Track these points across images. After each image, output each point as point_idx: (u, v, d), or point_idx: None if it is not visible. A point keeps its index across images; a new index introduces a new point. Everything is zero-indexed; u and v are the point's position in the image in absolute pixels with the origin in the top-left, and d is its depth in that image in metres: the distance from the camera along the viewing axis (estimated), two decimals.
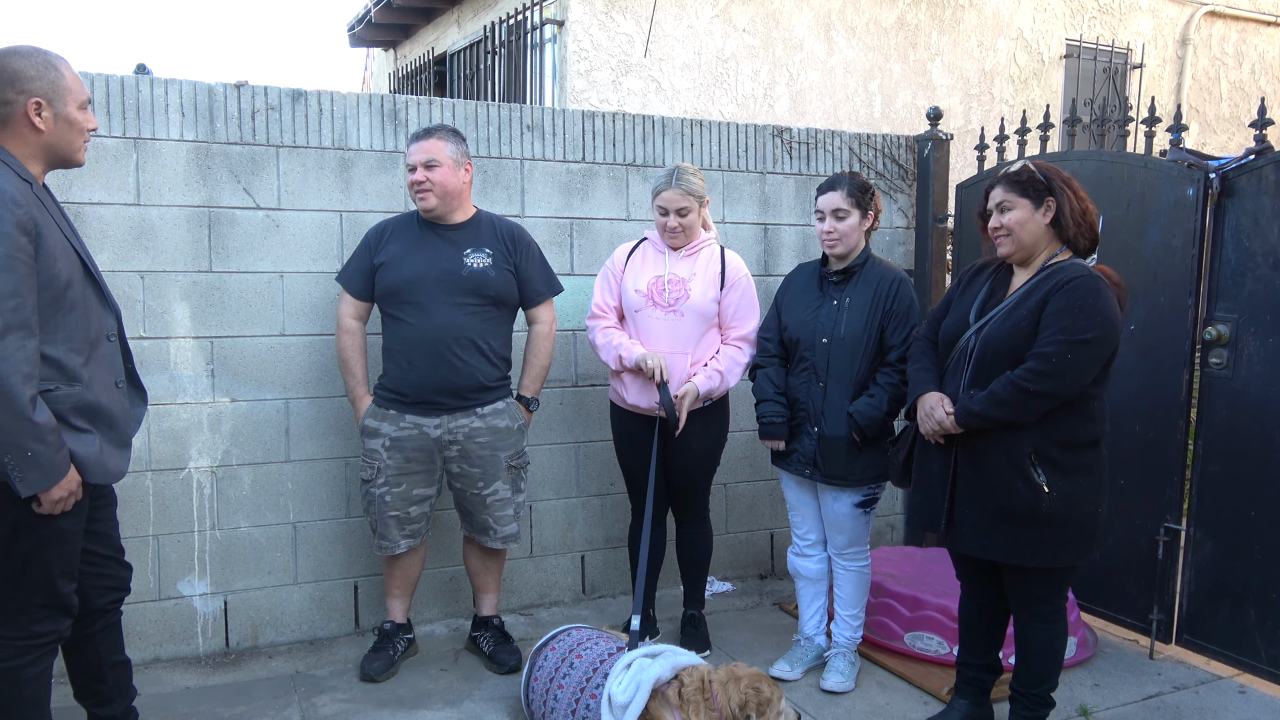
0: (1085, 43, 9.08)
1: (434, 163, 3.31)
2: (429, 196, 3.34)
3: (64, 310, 2.35)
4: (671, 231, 3.56)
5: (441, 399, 3.36)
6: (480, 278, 3.38)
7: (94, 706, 2.71)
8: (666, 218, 3.55)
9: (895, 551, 4.29)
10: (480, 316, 3.39)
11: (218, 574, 3.68)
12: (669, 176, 3.53)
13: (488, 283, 3.39)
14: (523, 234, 3.56)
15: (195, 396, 3.61)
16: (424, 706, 3.31)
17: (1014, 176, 2.85)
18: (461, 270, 3.37)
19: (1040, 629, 2.91)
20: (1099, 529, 2.83)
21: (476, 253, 3.41)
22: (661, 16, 7.16)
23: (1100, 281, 2.72)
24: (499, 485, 3.49)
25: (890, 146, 4.81)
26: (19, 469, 2.21)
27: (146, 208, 3.50)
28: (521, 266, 3.50)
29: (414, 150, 3.34)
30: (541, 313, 3.59)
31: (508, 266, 3.46)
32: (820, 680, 3.49)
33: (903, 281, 3.42)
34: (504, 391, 3.51)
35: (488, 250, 3.43)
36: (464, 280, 3.36)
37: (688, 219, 3.55)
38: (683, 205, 3.52)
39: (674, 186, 3.51)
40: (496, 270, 3.42)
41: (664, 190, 3.53)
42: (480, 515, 3.51)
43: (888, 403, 3.32)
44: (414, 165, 3.32)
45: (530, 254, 3.54)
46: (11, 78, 2.31)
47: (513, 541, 3.59)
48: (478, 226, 3.48)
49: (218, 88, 3.58)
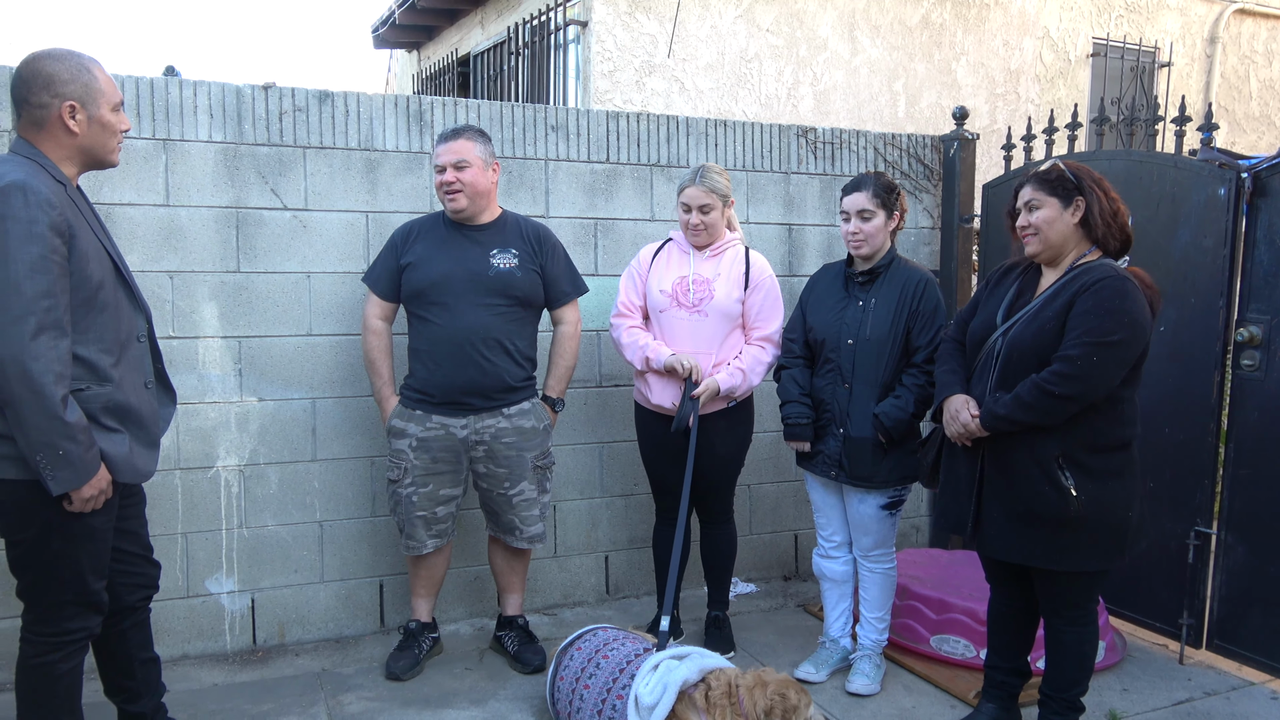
0: (1112, 41, 8.99)
1: (464, 163, 3.32)
2: (459, 197, 3.34)
3: (95, 311, 2.37)
4: (694, 229, 3.56)
5: (468, 399, 3.37)
6: (507, 278, 3.39)
7: (124, 702, 2.74)
8: (689, 214, 3.55)
9: (920, 554, 4.26)
10: (507, 317, 3.40)
11: (245, 572, 3.71)
12: (694, 174, 3.54)
13: (514, 283, 3.40)
14: (548, 235, 3.56)
15: (223, 396, 3.63)
16: (449, 705, 3.31)
17: (1043, 175, 2.82)
18: (488, 271, 3.37)
19: (1071, 633, 2.88)
20: (1130, 533, 2.80)
21: (503, 253, 3.41)
22: (685, 17, 7.16)
23: (1128, 283, 2.69)
24: (525, 485, 3.49)
25: (915, 146, 4.78)
26: (51, 467, 2.23)
27: (176, 208, 3.53)
28: (547, 267, 3.50)
29: (443, 151, 3.34)
30: (567, 313, 3.60)
31: (534, 267, 3.46)
32: (845, 683, 3.48)
33: (929, 282, 3.40)
34: (529, 392, 3.51)
35: (514, 251, 3.43)
36: (491, 281, 3.37)
37: (710, 217, 3.54)
38: (705, 202, 3.52)
39: (698, 183, 3.52)
40: (523, 271, 3.43)
41: (688, 187, 3.54)
42: (506, 515, 3.52)
43: (914, 404, 3.30)
44: (443, 166, 3.33)
45: (556, 255, 3.54)
46: (46, 81, 2.33)
47: (538, 541, 3.60)
48: (504, 227, 3.48)
49: (246, 89, 3.61)
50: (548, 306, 3.58)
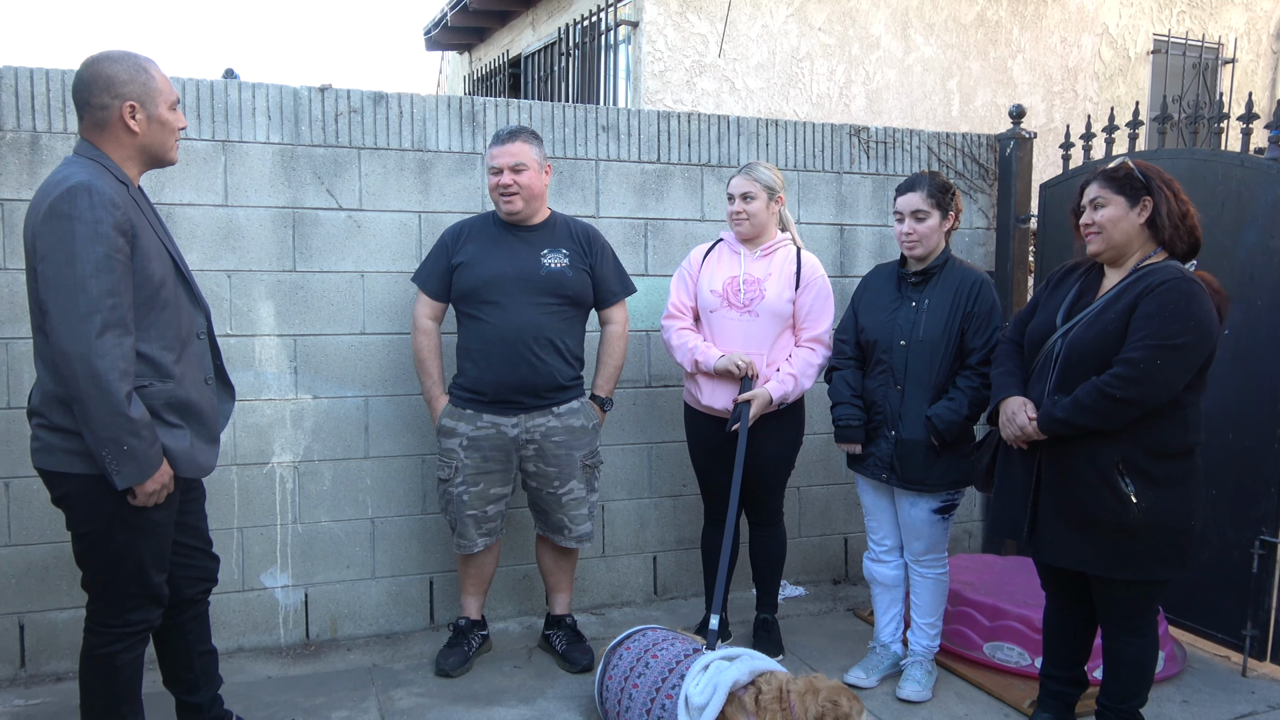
0: (1174, 38, 8.78)
1: (522, 166, 3.34)
2: (516, 200, 3.36)
3: (157, 309, 2.42)
4: (736, 218, 3.55)
5: (519, 398, 3.39)
6: (558, 278, 3.40)
7: (182, 693, 2.79)
8: (732, 203, 3.56)
9: (973, 559, 4.20)
10: (558, 316, 3.41)
11: (299, 567, 3.77)
12: (743, 167, 3.60)
13: (565, 283, 3.41)
14: (597, 235, 3.57)
15: (279, 393, 3.69)
16: (498, 703, 3.33)
17: (1110, 172, 2.76)
18: (540, 270, 3.39)
19: (1130, 642, 2.82)
20: (1192, 542, 2.72)
21: (554, 253, 3.43)
22: (736, 16, 7.13)
23: (1195, 285, 2.62)
24: (574, 484, 3.50)
25: (970, 145, 4.71)
26: (116, 462, 2.28)
27: (234, 209, 3.59)
28: (597, 267, 3.52)
29: (500, 153, 3.35)
30: (616, 313, 3.61)
31: (584, 267, 3.48)
32: (896, 689, 3.43)
33: (985, 283, 3.35)
34: (578, 391, 3.52)
35: (564, 251, 3.44)
36: (542, 280, 3.38)
37: (752, 205, 3.53)
38: (747, 190, 3.52)
39: (742, 173, 3.56)
40: (574, 270, 3.44)
41: (734, 177, 3.58)
42: (555, 514, 3.53)
43: (968, 406, 3.25)
44: (500, 168, 3.34)
45: (605, 255, 3.55)
46: (107, 83, 2.38)
47: (586, 540, 3.60)
48: (553, 227, 3.50)
49: (302, 91, 3.66)
50: (596, 306, 3.59)
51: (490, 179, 3.39)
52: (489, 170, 3.39)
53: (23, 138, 3.33)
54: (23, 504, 3.39)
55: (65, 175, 2.31)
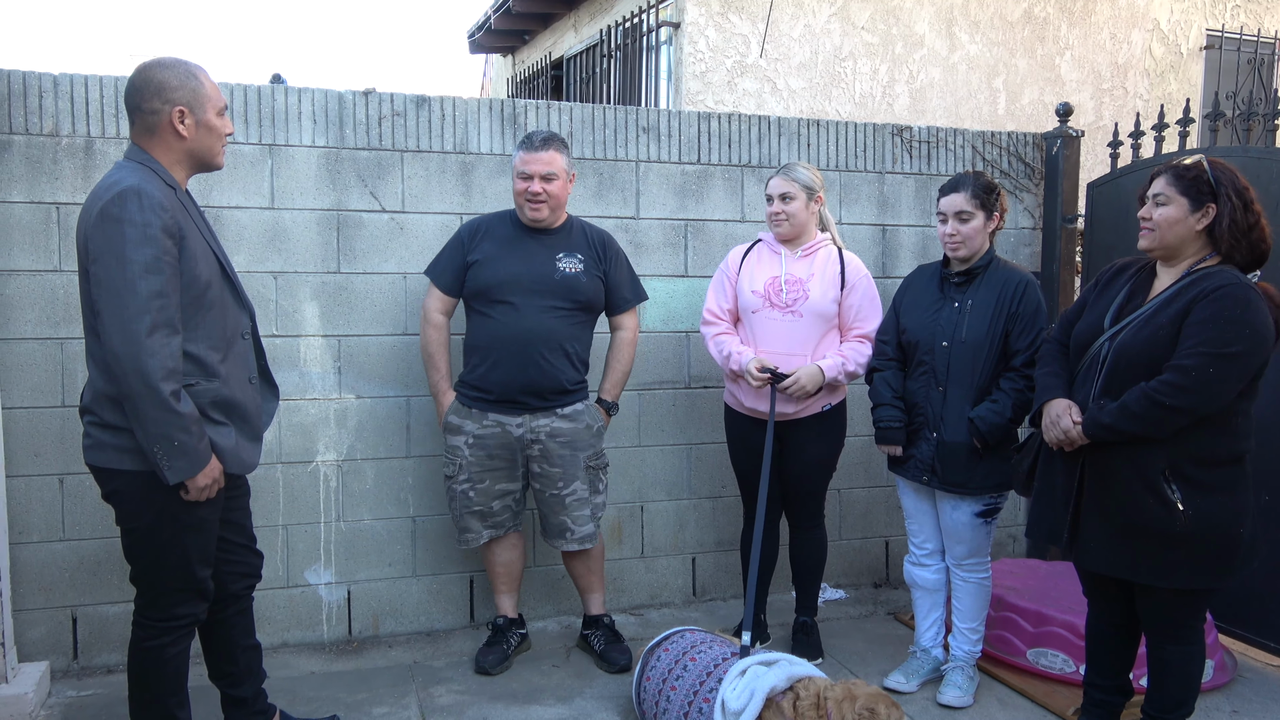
0: (1228, 33, 8.59)
1: (553, 175, 3.36)
2: (543, 208, 3.38)
3: (204, 309, 2.47)
4: (775, 219, 3.54)
5: (525, 398, 3.41)
6: (572, 282, 3.42)
7: (227, 687, 2.85)
8: (771, 204, 3.56)
9: (1018, 564, 4.14)
10: (569, 320, 3.43)
11: (342, 564, 3.82)
12: (781, 168, 3.59)
13: (579, 288, 3.43)
14: (612, 241, 3.59)
15: (323, 392, 3.74)
16: (536, 702, 3.35)
17: (1180, 171, 2.66)
18: (554, 274, 3.41)
19: (1176, 651, 2.76)
20: (1241, 551, 2.65)
21: (569, 258, 3.45)
22: (778, 16, 7.10)
23: (1252, 291, 2.54)
24: (578, 485, 3.51)
25: (1016, 144, 4.64)
26: (167, 458, 2.33)
27: (280, 211, 3.65)
28: (610, 274, 3.54)
29: (532, 160, 3.35)
30: (626, 320, 3.62)
31: (598, 273, 3.50)
32: (937, 694, 3.40)
33: (1029, 283, 3.30)
34: (583, 394, 3.54)
35: (579, 256, 3.47)
36: (557, 284, 3.41)
37: (791, 206, 3.52)
38: (786, 190, 3.50)
39: (781, 174, 3.56)
40: (588, 276, 3.46)
41: (773, 178, 3.58)
42: (558, 517, 3.54)
43: (1011, 409, 3.20)
44: (532, 175, 3.35)
45: (619, 262, 3.58)
46: (158, 88, 2.44)
47: (589, 543, 3.59)
48: (570, 232, 3.52)
49: (347, 95, 3.71)
50: (608, 312, 3.61)
51: (518, 184, 3.39)
52: (518, 175, 3.39)
53: (77, 143, 3.42)
54: (76, 500, 3.48)
55: (116, 179, 2.37)
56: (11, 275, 3.37)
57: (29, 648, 3.44)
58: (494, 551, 3.60)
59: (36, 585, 3.46)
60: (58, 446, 3.45)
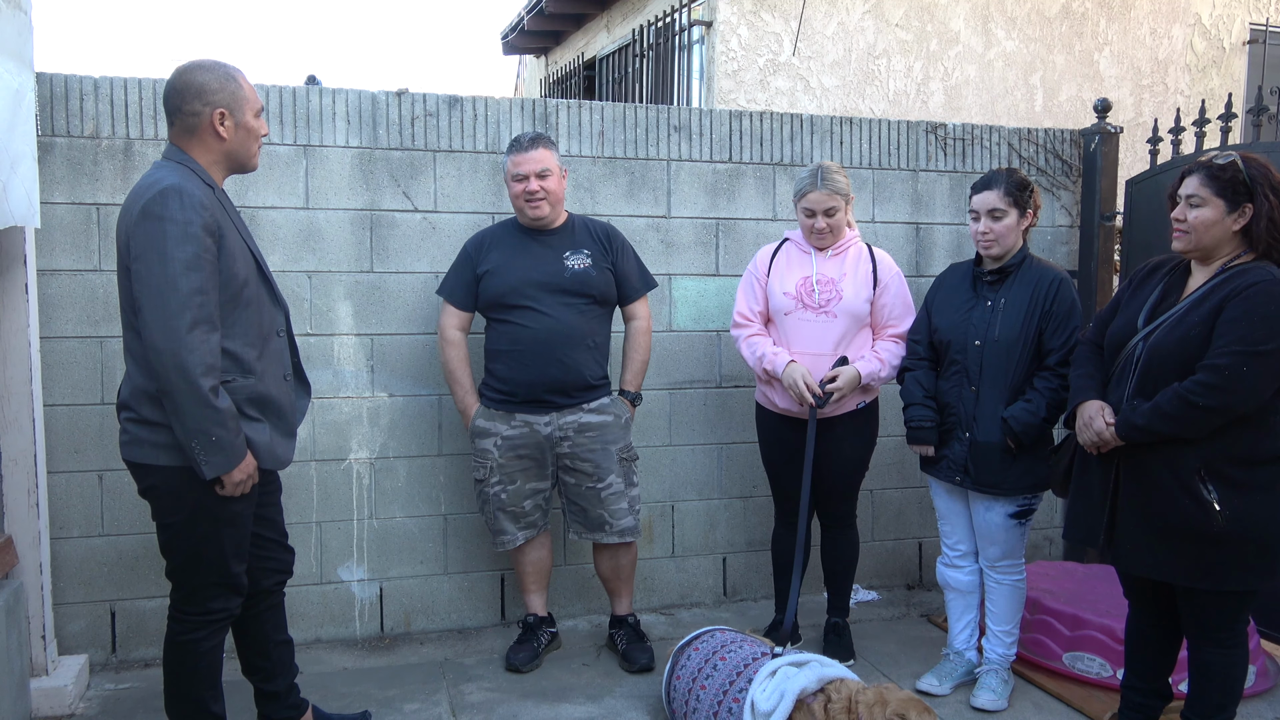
0: (1272, 27, 8.41)
1: (547, 172, 3.39)
2: (542, 205, 3.41)
3: (241, 307, 2.50)
4: (819, 233, 3.50)
5: (550, 397, 3.43)
6: (583, 277, 3.44)
7: (260, 682, 2.88)
8: (814, 219, 3.47)
9: (1054, 567, 4.08)
10: (586, 315, 3.45)
11: (374, 561, 3.85)
12: (814, 177, 3.46)
13: (590, 282, 3.45)
14: (616, 233, 3.61)
15: (356, 391, 3.77)
16: (566, 700, 3.36)
17: (1216, 171, 2.59)
18: (564, 272, 3.43)
19: (1217, 655, 2.70)
20: None
21: (576, 254, 3.47)
22: (811, 14, 7.06)
23: None
24: (613, 478, 3.51)
25: (1053, 141, 4.58)
26: (204, 453, 2.36)
27: (314, 211, 3.68)
28: (618, 264, 3.55)
29: (524, 160, 3.38)
30: (639, 309, 3.63)
31: (606, 265, 3.52)
32: (970, 697, 3.36)
33: (1063, 281, 3.25)
34: (607, 388, 3.56)
35: (586, 251, 3.49)
36: (568, 281, 3.42)
37: (836, 219, 3.48)
38: (830, 205, 3.45)
39: (821, 187, 3.43)
40: (597, 270, 3.48)
41: (810, 191, 3.45)
42: (595, 510, 3.53)
43: (1045, 408, 3.16)
44: (526, 175, 3.38)
45: (625, 252, 3.59)
46: (198, 91, 2.47)
47: (630, 536, 3.59)
48: (573, 229, 3.54)
49: (380, 96, 3.74)
50: (620, 303, 3.62)
51: (514, 186, 3.41)
52: (512, 178, 3.41)
53: (116, 144, 3.47)
54: (115, 496, 3.54)
55: (157, 179, 2.40)
56: (53, 275, 3.44)
57: (69, 641, 3.50)
58: (523, 550, 3.61)
59: (76, 580, 3.53)
60: (97, 443, 3.51)
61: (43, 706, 3.16)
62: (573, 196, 3.94)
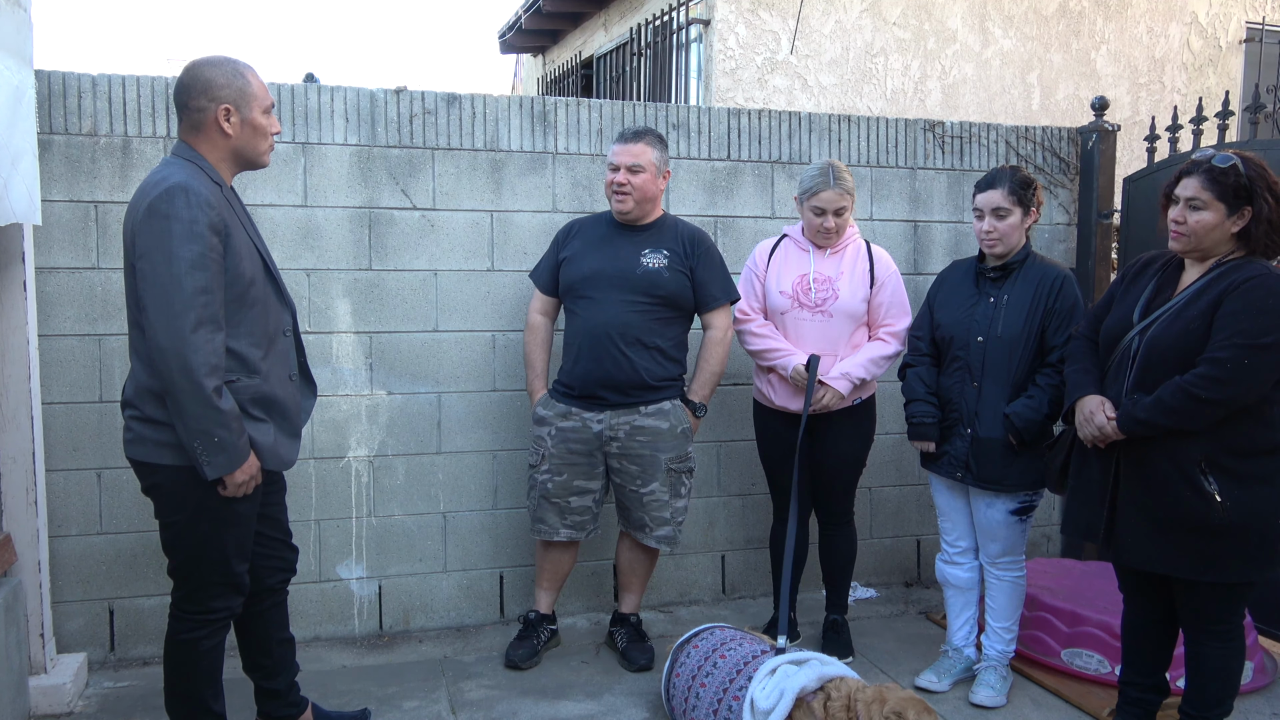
0: (1269, 25, 8.43)
1: (639, 168, 3.36)
2: (627, 200, 3.39)
3: (247, 306, 2.49)
4: (827, 232, 3.50)
5: (603, 393, 3.40)
6: (654, 277, 3.40)
7: (260, 679, 2.88)
8: (823, 218, 3.47)
9: (1052, 564, 4.09)
10: (650, 315, 3.40)
11: (373, 559, 3.85)
12: (825, 175, 3.44)
13: (660, 283, 3.40)
14: (704, 239, 3.54)
15: (355, 389, 3.77)
16: (565, 697, 3.36)
17: (1217, 174, 2.58)
18: (636, 269, 3.40)
19: (1215, 648, 2.72)
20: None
21: (654, 253, 3.43)
22: (808, 13, 7.06)
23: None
24: (655, 486, 3.47)
25: (1051, 139, 4.59)
26: (207, 453, 2.36)
27: (313, 209, 3.68)
28: (698, 270, 3.47)
29: (620, 151, 3.38)
30: (716, 318, 3.53)
31: (682, 269, 3.45)
32: (969, 694, 3.37)
33: (1067, 279, 3.26)
34: (672, 393, 3.49)
35: (665, 251, 3.44)
36: (637, 279, 3.39)
37: (844, 218, 3.49)
38: (841, 205, 3.46)
39: (834, 186, 3.43)
40: (671, 272, 3.42)
41: (822, 190, 3.44)
42: (637, 512, 3.53)
43: (1048, 405, 3.17)
44: (618, 166, 3.37)
45: (709, 259, 3.51)
46: (205, 86, 2.46)
47: (665, 544, 3.57)
48: (661, 229, 3.50)
49: (379, 93, 3.74)
50: (697, 310, 3.54)
51: (608, 174, 3.43)
52: (608, 166, 3.43)
53: (115, 142, 3.47)
54: (114, 494, 3.53)
55: (164, 176, 2.39)
56: (52, 273, 3.43)
57: (67, 639, 3.50)
58: (549, 548, 3.61)
59: (75, 578, 3.52)
60: (96, 441, 3.50)
61: (41, 705, 3.15)
62: (570, 194, 3.94)
